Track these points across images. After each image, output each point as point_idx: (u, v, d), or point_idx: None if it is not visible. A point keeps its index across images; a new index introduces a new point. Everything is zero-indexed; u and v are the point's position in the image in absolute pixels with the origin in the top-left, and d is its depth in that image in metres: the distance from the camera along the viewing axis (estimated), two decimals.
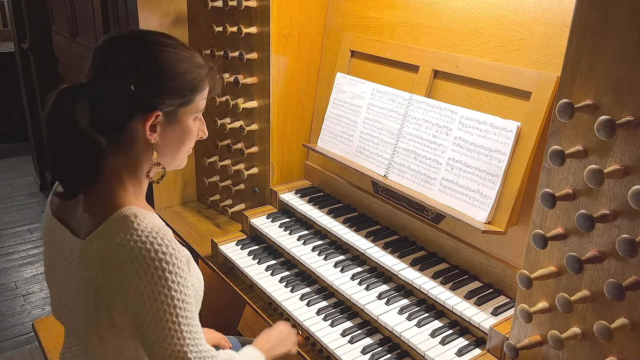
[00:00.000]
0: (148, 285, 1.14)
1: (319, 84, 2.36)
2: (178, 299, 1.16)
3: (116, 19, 3.16)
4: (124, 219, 1.18)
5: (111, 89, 1.20)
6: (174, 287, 1.15)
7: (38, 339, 2.12)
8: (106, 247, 1.16)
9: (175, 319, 1.16)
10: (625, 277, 1.15)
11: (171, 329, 1.16)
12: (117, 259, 1.15)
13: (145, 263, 1.13)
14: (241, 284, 2.07)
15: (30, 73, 4.59)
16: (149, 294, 1.14)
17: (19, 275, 3.80)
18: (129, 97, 1.19)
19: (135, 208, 1.21)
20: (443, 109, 1.79)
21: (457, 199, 1.72)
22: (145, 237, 1.15)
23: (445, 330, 1.64)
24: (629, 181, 1.13)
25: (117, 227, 1.17)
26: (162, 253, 1.14)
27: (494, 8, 1.68)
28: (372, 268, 1.92)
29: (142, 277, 1.13)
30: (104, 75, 1.21)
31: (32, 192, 5.07)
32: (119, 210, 1.20)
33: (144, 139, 1.23)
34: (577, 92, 1.21)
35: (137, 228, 1.16)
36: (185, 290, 1.18)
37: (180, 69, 1.22)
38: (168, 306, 1.15)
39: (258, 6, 2.17)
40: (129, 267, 1.14)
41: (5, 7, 5.92)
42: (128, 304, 1.17)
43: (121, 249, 1.14)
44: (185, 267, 1.19)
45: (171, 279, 1.15)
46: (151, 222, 1.18)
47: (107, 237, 1.17)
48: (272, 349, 1.59)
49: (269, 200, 2.37)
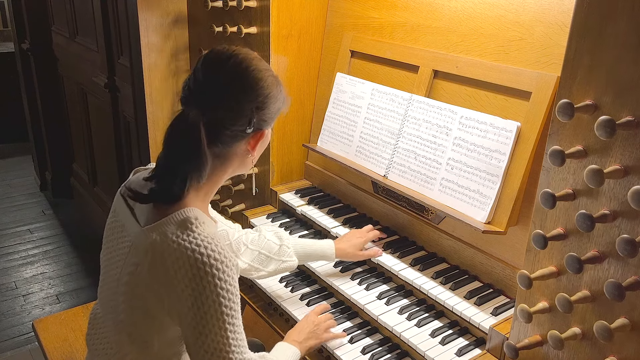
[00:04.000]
0: (197, 288, 1.16)
1: (319, 84, 2.36)
2: (226, 305, 1.19)
3: (116, 19, 3.17)
4: (186, 219, 1.22)
5: (234, 116, 1.27)
6: (222, 293, 1.18)
7: (38, 339, 2.12)
8: (161, 240, 1.20)
9: (222, 324, 1.19)
10: (625, 277, 1.15)
11: (217, 334, 1.19)
12: (169, 255, 1.18)
13: (196, 266, 1.16)
14: (241, 284, 2.07)
15: (30, 73, 4.58)
16: (197, 297, 1.17)
17: (19, 275, 3.80)
18: (248, 121, 1.29)
19: (198, 211, 1.25)
20: (443, 109, 1.79)
21: (457, 199, 1.72)
22: (201, 241, 1.18)
23: (445, 330, 1.64)
24: (629, 181, 1.13)
25: (176, 224, 1.21)
26: (214, 259, 1.17)
27: (494, 8, 1.68)
28: (372, 268, 1.92)
29: (192, 278, 1.16)
30: (227, 104, 1.27)
31: (32, 192, 5.06)
32: (183, 210, 1.24)
33: (244, 153, 1.34)
34: (577, 92, 1.21)
35: (195, 230, 1.20)
36: (234, 298, 1.21)
37: (278, 89, 1.34)
38: (215, 311, 1.18)
39: (258, 6, 2.17)
40: (179, 267, 1.17)
41: (5, 7, 5.91)
42: (172, 302, 1.20)
43: (175, 246, 1.18)
44: (235, 275, 1.22)
45: (220, 285, 1.18)
46: (208, 229, 1.23)
47: (164, 231, 1.21)
48: (305, 341, 1.57)
49: (269, 200, 2.37)
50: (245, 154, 1.34)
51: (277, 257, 1.75)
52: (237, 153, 1.33)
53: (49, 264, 3.94)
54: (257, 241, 1.76)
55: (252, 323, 1.98)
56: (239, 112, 1.27)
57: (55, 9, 4.23)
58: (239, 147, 1.32)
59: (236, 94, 1.27)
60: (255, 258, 1.74)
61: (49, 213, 4.69)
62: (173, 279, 1.18)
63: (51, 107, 4.59)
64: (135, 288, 1.25)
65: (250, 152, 1.35)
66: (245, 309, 1.99)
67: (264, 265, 1.75)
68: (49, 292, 3.62)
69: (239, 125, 1.28)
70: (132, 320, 1.29)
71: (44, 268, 3.89)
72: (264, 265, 1.75)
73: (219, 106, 1.26)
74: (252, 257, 1.75)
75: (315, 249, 1.81)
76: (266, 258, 1.75)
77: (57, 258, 4.02)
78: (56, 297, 3.56)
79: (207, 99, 1.26)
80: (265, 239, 1.76)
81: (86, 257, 3.99)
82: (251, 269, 1.75)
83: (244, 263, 1.74)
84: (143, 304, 1.26)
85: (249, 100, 1.28)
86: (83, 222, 4.44)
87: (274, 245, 1.76)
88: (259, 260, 1.74)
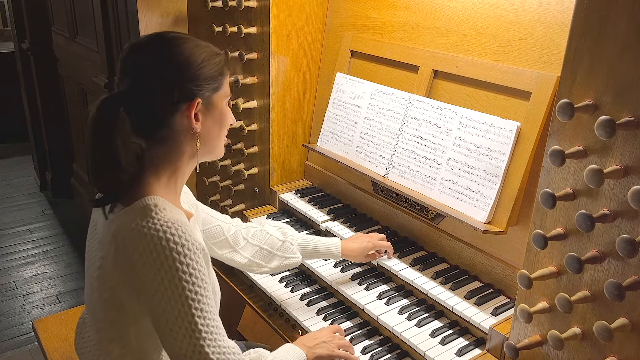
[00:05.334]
0: (158, 273, 1.15)
1: (319, 84, 2.36)
2: (190, 289, 1.15)
3: (116, 19, 3.16)
4: (145, 207, 1.21)
5: (152, 89, 1.24)
6: (184, 277, 1.15)
7: (38, 339, 2.12)
8: (122, 229, 1.19)
9: (188, 309, 1.15)
10: (625, 277, 1.15)
11: (184, 320, 1.15)
12: (130, 242, 1.17)
13: (156, 250, 1.15)
14: (241, 284, 2.07)
15: (30, 73, 4.58)
16: (160, 282, 1.15)
17: (19, 275, 3.80)
18: (170, 92, 1.23)
19: (158, 198, 1.24)
20: (443, 109, 1.79)
21: (457, 199, 1.72)
22: (160, 226, 1.17)
23: (445, 330, 1.64)
24: (629, 181, 1.13)
25: (136, 212, 1.20)
26: (173, 242, 1.15)
27: (494, 8, 1.68)
28: (371, 268, 1.92)
29: (152, 264, 1.15)
30: (141, 78, 1.25)
31: (32, 192, 5.06)
32: (143, 198, 1.23)
33: (187, 130, 1.28)
34: (577, 92, 1.21)
35: (154, 217, 1.18)
36: (200, 283, 1.17)
37: (204, 56, 1.28)
38: (180, 296, 1.15)
39: (258, 6, 2.17)
40: (140, 253, 1.16)
41: (5, 7, 5.91)
42: (139, 290, 1.18)
43: (135, 233, 1.17)
44: (200, 260, 1.19)
45: (182, 269, 1.15)
46: (170, 214, 1.21)
47: (125, 220, 1.20)
48: (314, 347, 1.50)
49: (269, 200, 2.37)
50: (189, 130, 1.28)
51: (280, 253, 1.72)
52: (181, 130, 1.27)
53: (49, 264, 3.94)
54: (258, 236, 1.74)
55: (252, 323, 1.98)
56: (154, 83, 1.24)
57: (55, 9, 4.23)
58: (178, 122, 1.26)
59: (144, 64, 1.24)
60: (256, 253, 1.72)
61: (49, 213, 4.69)
62: (136, 265, 1.16)
63: (51, 107, 4.58)
64: (105, 282, 1.25)
65: (193, 126, 1.27)
66: (245, 309, 1.99)
67: (267, 261, 1.72)
68: (49, 292, 3.61)
69: (160, 98, 1.24)
70: (107, 316, 1.29)
71: (44, 268, 3.89)
72: (266, 261, 1.72)
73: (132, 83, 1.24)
74: (253, 252, 1.72)
75: (320, 246, 1.79)
76: (268, 254, 1.72)
77: (57, 258, 4.02)
78: (56, 297, 3.56)
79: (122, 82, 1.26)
80: (268, 234, 1.74)
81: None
82: (252, 264, 1.73)
83: (244, 258, 1.72)
84: (115, 298, 1.24)
85: (159, 67, 1.24)
86: (83, 222, 4.39)
87: (276, 241, 1.73)
88: (260, 256, 1.72)
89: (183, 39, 1.28)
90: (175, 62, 1.24)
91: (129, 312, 1.25)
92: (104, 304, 1.28)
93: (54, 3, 4.21)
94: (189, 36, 1.31)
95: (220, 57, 1.32)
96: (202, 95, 1.27)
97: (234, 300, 2.18)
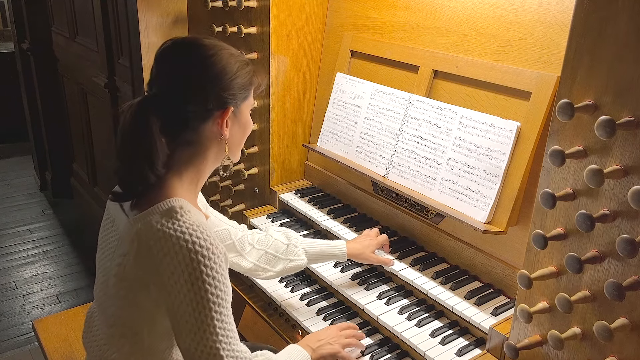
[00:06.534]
0: (182, 275, 1.16)
1: (319, 84, 2.36)
2: (212, 293, 1.17)
3: (116, 19, 3.16)
4: (171, 208, 1.22)
5: (189, 96, 1.26)
6: (208, 280, 1.17)
7: (38, 339, 2.12)
8: (146, 229, 1.20)
9: (209, 312, 1.17)
10: (625, 277, 1.15)
11: (203, 323, 1.17)
12: (154, 243, 1.18)
13: (181, 252, 1.16)
14: (241, 284, 2.07)
15: (30, 73, 4.58)
16: (183, 284, 1.16)
17: (19, 275, 3.80)
18: (206, 100, 1.26)
19: (183, 200, 1.25)
20: (443, 109, 1.79)
21: (457, 199, 1.72)
22: (186, 228, 1.18)
23: (445, 330, 1.64)
24: (629, 181, 1.13)
25: (161, 213, 1.21)
26: (199, 246, 1.17)
27: (494, 8, 1.68)
28: (371, 268, 1.92)
29: (177, 266, 1.16)
30: (179, 84, 1.26)
31: (32, 192, 5.06)
32: (168, 200, 1.24)
33: (216, 136, 1.32)
34: (577, 92, 1.21)
35: (180, 219, 1.20)
36: (221, 287, 1.20)
37: (238, 65, 1.31)
38: (202, 299, 1.16)
39: (258, 6, 2.17)
40: (165, 254, 1.17)
41: (5, 7, 5.91)
42: (159, 289, 1.19)
43: (160, 234, 1.18)
44: (223, 264, 1.21)
45: (206, 272, 1.17)
46: (195, 217, 1.22)
47: (149, 220, 1.21)
48: (319, 348, 1.52)
49: (269, 200, 2.37)
50: (218, 136, 1.32)
51: (284, 257, 1.73)
52: (209, 136, 1.31)
53: (49, 264, 3.94)
54: (263, 241, 1.76)
55: (252, 323, 1.98)
56: (191, 90, 1.26)
57: (55, 9, 4.23)
58: (208, 129, 1.30)
59: (183, 72, 1.27)
60: (261, 257, 1.73)
61: (49, 213, 4.69)
62: (159, 266, 1.17)
63: (51, 107, 4.58)
64: (123, 279, 1.25)
65: (222, 133, 1.32)
66: (245, 309, 1.99)
67: (272, 265, 1.73)
68: (49, 292, 3.62)
69: (195, 105, 1.27)
70: (122, 312, 1.29)
71: (44, 268, 3.89)
72: (271, 265, 1.73)
73: (169, 88, 1.26)
74: (258, 256, 1.74)
75: (326, 248, 1.79)
76: (273, 257, 1.73)
77: (57, 258, 4.02)
78: (56, 297, 3.56)
79: (157, 85, 1.28)
80: (273, 239, 1.76)
81: (86, 257, 3.99)
82: (257, 269, 1.74)
83: (250, 263, 1.73)
84: (132, 295, 1.25)
85: (198, 76, 1.26)
86: (83, 222, 4.44)
87: (281, 245, 1.74)
88: (265, 260, 1.73)
89: (219, 47, 1.31)
90: (213, 71, 1.27)
91: (144, 310, 1.26)
92: (120, 301, 1.28)
93: (54, 3, 4.21)
94: (222, 44, 1.33)
95: (250, 67, 1.36)
96: (235, 103, 1.32)
97: (234, 300, 2.17)
